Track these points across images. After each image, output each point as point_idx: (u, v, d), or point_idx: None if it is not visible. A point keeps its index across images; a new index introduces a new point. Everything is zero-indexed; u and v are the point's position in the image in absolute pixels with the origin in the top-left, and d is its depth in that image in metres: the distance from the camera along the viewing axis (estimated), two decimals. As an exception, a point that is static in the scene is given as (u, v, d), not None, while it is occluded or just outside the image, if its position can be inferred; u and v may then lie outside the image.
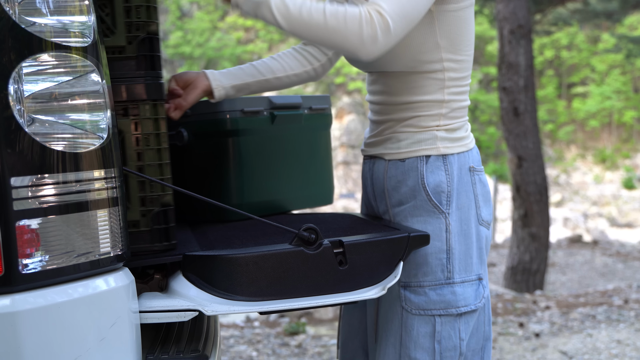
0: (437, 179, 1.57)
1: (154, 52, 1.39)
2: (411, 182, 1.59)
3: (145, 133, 1.37)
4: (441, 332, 1.58)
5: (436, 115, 1.60)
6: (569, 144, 27.00)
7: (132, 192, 1.36)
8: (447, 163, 1.59)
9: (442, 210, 1.57)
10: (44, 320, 1.04)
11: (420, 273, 1.56)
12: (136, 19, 1.36)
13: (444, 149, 1.59)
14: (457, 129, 1.63)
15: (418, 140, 1.60)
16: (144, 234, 1.36)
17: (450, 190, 1.58)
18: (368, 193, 1.74)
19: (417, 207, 1.58)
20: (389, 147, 1.63)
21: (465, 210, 1.60)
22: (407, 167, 1.60)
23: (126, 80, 1.36)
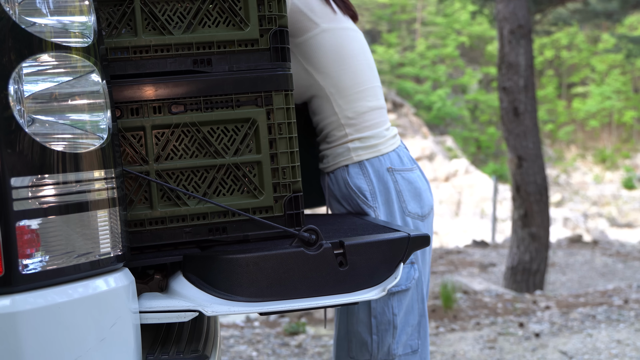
0: (358, 182, 1.85)
1: (284, 44, 1.45)
2: (343, 188, 1.89)
3: (278, 122, 1.43)
4: (376, 308, 1.82)
5: (341, 127, 1.87)
6: (569, 144, 27.00)
7: (265, 178, 1.43)
8: (363, 168, 1.86)
9: (370, 204, 1.84)
10: (44, 320, 1.04)
11: None
12: (268, 12, 1.43)
13: (357, 157, 1.86)
14: (369, 137, 1.87)
15: (337, 154, 1.89)
16: (276, 220, 1.45)
17: (373, 189, 1.85)
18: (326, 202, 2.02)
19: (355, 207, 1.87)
20: (324, 162, 1.94)
21: (390, 205, 1.85)
22: (337, 177, 1.90)
23: (258, 72, 1.42)
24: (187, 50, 1.41)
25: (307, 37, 1.81)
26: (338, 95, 1.84)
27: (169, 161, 1.40)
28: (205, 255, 1.35)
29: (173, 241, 1.41)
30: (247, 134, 1.43)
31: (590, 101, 26.20)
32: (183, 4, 1.42)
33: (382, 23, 30.82)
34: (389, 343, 1.85)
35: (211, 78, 1.41)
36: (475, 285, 6.64)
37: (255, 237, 1.44)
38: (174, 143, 1.41)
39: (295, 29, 1.78)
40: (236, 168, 1.43)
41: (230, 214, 1.42)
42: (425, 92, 27.53)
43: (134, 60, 1.39)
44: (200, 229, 1.42)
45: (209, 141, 1.42)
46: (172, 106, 1.41)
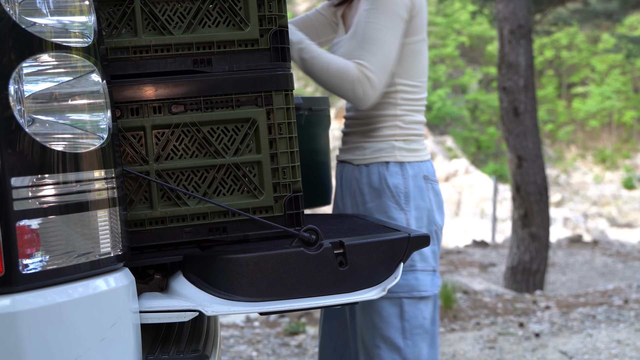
0: (396, 181, 1.89)
1: (284, 44, 1.45)
2: (376, 183, 1.90)
3: (278, 122, 1.43)
4: (408, 312, 1.84)
5: (392, 126, 1.92)
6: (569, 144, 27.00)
7: (265, 178, 1.43)
8: (404, 169, 1.90)
9: (402, 207, 1.87)
10: (44, 320, 1.04)
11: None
12: (268, 12, 1.43)
13: (401, 158, 1.91)
14: (413, 142, 1.94)
15: (379, 149, 1.92)
16: (276, 219, 1.45)
17: (407, 192, 1.88)
18: (336, 193, 2.06)
19: (382, 205, 1.89)
20: (357, 154, 1.96)
21: (421, 211, 1.89)
22: (370, 171, 1.92)
23: (258, 72, 1.43)
24: (187, 50, 1.41)
25: (415, 39, 1.91)
26: (406, 101, 1.92)
27: (169, 161, 1.40)
28: (205, 255, 1.35)
29: (173, 241, 1.41)
30: (247, 134, 1.43)
31: (590, 101, 26.20)
32: (183, 4, 1.42)
33: (382, 23, 30.73)
34: (421, 347, 1.86)
35: (211, 78, 1.41)
36: (475, 285, 6.64)
37: (255, 237, 1.44)
38: (174, 143, 1.41)
39: (412, 28, 1.89)
40: (236, 168, 1.43)
41: (230, 214, 1.42)
42: (425, 92, 27.44)
43: (134, 60, 1.39)
44: (200, 229, 1.42)
45: (209, 141, 1.42)
46: (172, 106, 1.41)
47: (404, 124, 1.92)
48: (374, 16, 1.84)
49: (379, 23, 1.83)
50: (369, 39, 1.83)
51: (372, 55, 1.81)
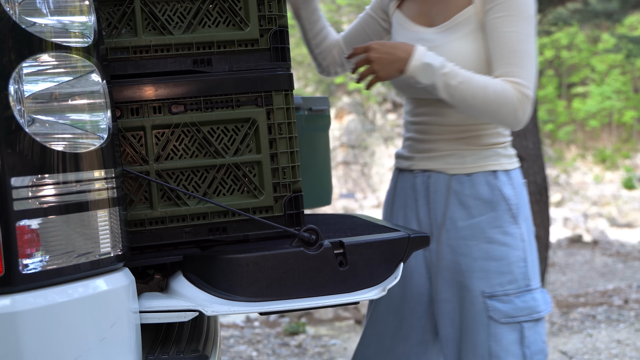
0: (509, 191, 1.73)
1: (284, 44, 1.45)
2: (486, 194, 1.72)
3: (278, 122, 1.43)
4: (529, 337, 1.69)
5: (494, 134, 1.77)
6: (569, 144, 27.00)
7: (265, 178, 1.43)
8: (510, 177, 1.75)
9: (518, 221, 1.73)
10: (44, 320, 1.04)
11: (505, 282, 1.70)
12: (268, 12, 1.43)
13: (507, 165, 1.76)
14: (509, 148, 1.81)
15: (484, 157, 1.74)
16: (276, 219, 1.45)
17: (518, 202, 1.74)
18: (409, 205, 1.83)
19: (497, 218, 1.71)
20: (452, 163, 1.76)
21: (529, 222, 1.78)
22: (475, 181, 1.73)
23: (258, 72, 1.42)
24: (187, 50, 1.41)
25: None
26: None
27: (169, 161, 1.40)
28: (205, 255, 1.35)
29: (173, 241, 1.41)
30: (247, 134, 1.43)
31: (590, 101, 26.20)
32: (183, 4, 1.42)
33: (382, 23, 30.75)
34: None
35: (211, 78, 1.41)
36: (475, 285, 6.63)
37: (255, 237, 1.44)
38: (174, 143, 1.41)
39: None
40: (236, 168, 1.43)
41: (230, 214, 1.42)
42: (425, 92, 27.43)
43: (134, 60, 1.39)
44: (200, 229, 1.42)
45: (209, 141, 1.42)
46: (172, 106, 1.41)
47: (503, 130, 1.79)
48: (515, 25, 1.64)
49: (522, 32, 1.65)
50: (517, 52, 1.64)
51: (525, 71, 1.64)
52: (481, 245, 1.72)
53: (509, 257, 1.70)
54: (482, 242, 1.72)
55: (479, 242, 1.72)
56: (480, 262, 1.71)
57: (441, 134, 1.78)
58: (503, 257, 1.70)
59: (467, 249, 1.73)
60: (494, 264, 1.70)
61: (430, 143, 1.79)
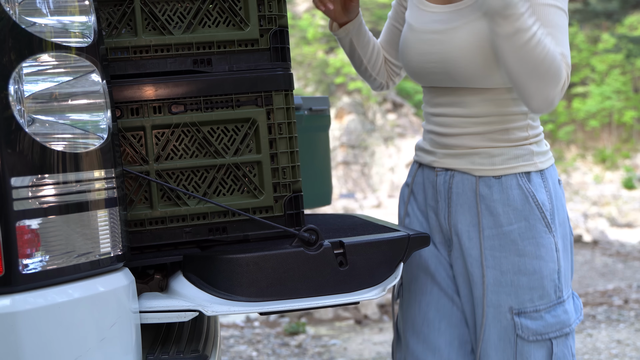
0: (542, 196, 1.54)
1: (284, 44, 1.45)
2: (518, 201, 1.53)
3: (278, 122, 1.43)
4: (557, 353, 1.55)
5: (524, 126, 1.56)
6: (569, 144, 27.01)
7: (265, 178, 1.43)
8: (545, 179, 1.56)
9: (552, 228, 1.54)
10: (44, 320, 1.04)
11: (535, 297, 1.54)
12: (268, 12, 1.43)
13: (541, 164, 1.56)
14: (542, 141, 1.60)
15: (515, 156, 1.55)
16: (276, 219, 1.45)
17: (552, 207, 1.55)
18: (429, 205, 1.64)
19: (530, 228, 1.53)
20: (478, 163, 1.56)
21: (564, 226, 1.59)
22: (506, 185, 1.54)
23: (258, 72, 1.43)
24: (187, 50, 1.41)
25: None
26: None
27: (169, 161, 1.40)
28: (205, 255, 1.35)
29: (173, 241, 1.41)
30: (247, 134, 1.43)
31: (590, 101, 26.20)
32: (183, 4, 1.42)
33: (382, 23, 30.82)
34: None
35: (211, 78, 1.41)
36: (475, 285, 6.63)
37: (256, 237, 1.44)
38: (174, 143, 1.41)
39: None
40: (236, 168, 1.43)
41: (230, 214, 1.42)
42: (425, 92, 27.46)
43: (134, 60, 1.39)
44: (200, 229, 1.42)
45: (209, 141, 1.42)
46: (172, 106, 1.41)
47: (533, 121, 1.57)
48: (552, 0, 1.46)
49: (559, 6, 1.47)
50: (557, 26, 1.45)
51: (565, 47, 1.46)
52: (511, 258, 1.54)
53: (541, 271, 1.54)
54: (512, 255, 1.54)
55: (509, 254, 1.55)
56: (510, 276, 1.55)
57: (465, 126, 1.57)
58: (535, 272, 1.53)
59: (495, 260, 1.56)
60: (525, 278, 1.54)
61: (453, 138, 1.59)
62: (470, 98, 1.55)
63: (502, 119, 1.55)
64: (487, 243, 1.56)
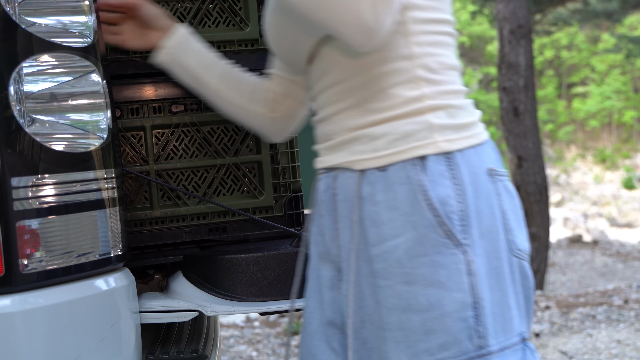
0: (443, 191, 1.02)
1: None
2: (404, 201, 1.03)
3: None
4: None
5: (412, 80, 1.05)
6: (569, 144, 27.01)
7: (265, 178, 1.43)
8: (454, 165, 1.03)
9: (458, 240, 1.02)
10: (44, 320, 1.04)
11: (435, 347, 1.02)
12: None
13: (447, 144, 1.03)
14: (459, 109, 1.07)
15: (404, 135, 1.03)
16: (276, 219, 1.44)
17: (465, 208, 1.03)
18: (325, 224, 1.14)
19: (420, 241, 1.02)
20: (359, 151, 1.07)
21: (493, 237, 1.05)
22: (392, 179, 1.04)
23: (258, 72, 1.41)
24: (187, 50, 1.41)
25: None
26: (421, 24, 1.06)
27: (169, 161, 1.40)
28: (205, 255, 1.35)
29: (173, 241, 1.41)
30: (247, 134, 1.43)
31: (590, 101, 26.20)
32: (183, 4, 1.42)
33: (382, 23, 30.80)
34: None
35: (211, 78, 1.41)
36: (475, 285, 6.64)
37: (256, 237, 1.44)
38: (174, 143, 1.41)
39: None
40: (236, 168, 1.43)
41: (230, 214, 1.42)
42: (425, 92, 27.49)
43: (134, 60, 1.39)
44: (200, 229, 1.42)
45: (209, 141, 1.42)
46: (172, 106, 1.41)
47: (430, 71, 1.05)
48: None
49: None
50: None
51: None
52: (397, 288, 1.03)
53: (440, 304, 1.01)
54: (398, 283, 1.03)
55: (395, 282, 1.03)
56: (397, 314, 1.03)
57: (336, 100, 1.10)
58: (431, 306, 1.01)
59: (381, 292, 1.05)
60: (417, 317, 1.02)
61: (329, 121, 1.12)
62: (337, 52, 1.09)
63: (378, 72, 1.05)
64: (366, 268, 1.07)
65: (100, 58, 1.17)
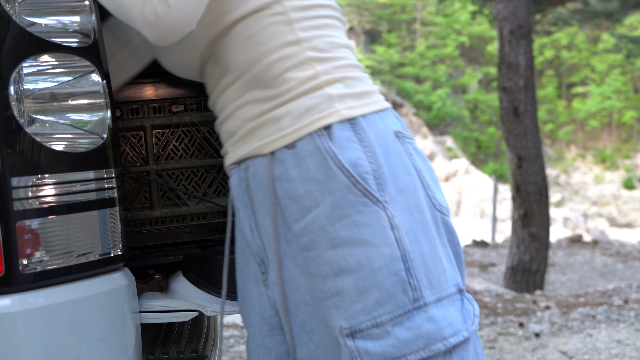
0: (353, 154, 1.04)
1: None
2: (316, 170, 1.05)
3: None
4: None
5: (304, 61, 1.09)
6: (569, 144, 27.02)
7: None
8: (359, 130, 1.07)
9: (376, 197, 1.04)
10: (44, 320, 1.04)
11: (370, 305, 1.03)
12: None
13: (350, 111, 1.07)
14: (356, 80, 1.12)
15: (306, 109, 1.07)
16: None
17: (378, 167, 1.05)
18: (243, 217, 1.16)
19: (338, 203, 1.04)
20: (264, 136, 1.10)
21: (412, 193, 1.07)
22: (302, 153, 1.06)
23: None
24: (187, 50, 1.41)
25: None
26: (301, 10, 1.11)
27: (169, 161, 1.40)
28: (205, 255, 1.35)
29: (173, 241, 1.41)
30: (247, 134, 1.43)
31: (590, 101, 26.22)
32: None
33: (382, 23, 30.84)
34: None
35: (211, 78, 1.41)
36: (475, 285, 6.64)
37: None
38: (174, 143, 1.41)
39: None
40: (236, 168, 1.43)
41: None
42: (425, 92, 27.55)
43: (134, 60, 1.39)
44: (200, 229, 1.42)
45: (209, 141, 1.42)
46: (172, 106, 1.41)
47: (320, 51, 1.10)
48: None
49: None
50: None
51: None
52: (325, 255, 1.05)
53: (369, 261, 1.03)
54: (325, 249, 1.05)
55: (322, 249, 1.06)
56: (331, 280, 1.05)
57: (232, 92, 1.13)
58: (360, 265, 1.03)
59: (312, 264, 1.07)
60: (349, 279, 1.04)
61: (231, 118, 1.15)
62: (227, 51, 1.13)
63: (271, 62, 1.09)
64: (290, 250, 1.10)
65: (100, 58, 1.17)
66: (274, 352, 1.17)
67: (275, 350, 1.17)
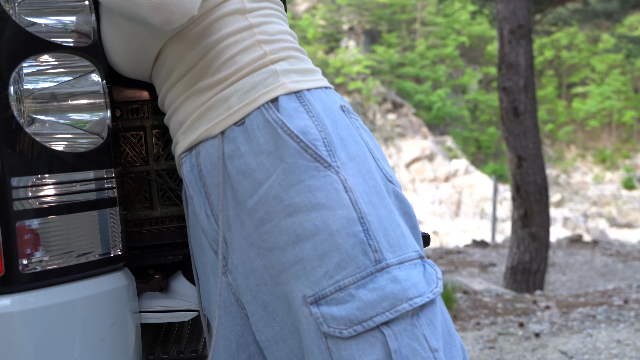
0: (301, 122, 1.07)
1: None
2: (267, 141, 1.06)
3: None
4: (400, 349, 1.00)
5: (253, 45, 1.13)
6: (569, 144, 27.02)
7: None
8: (306, 101, 1.10)
9: (327, 161, 1.05)
10: (44, 320, 1.04)
11: (332, 268, 1.02)
12: None
13: (295, 84, 1.11)
14: (298, 60, 1.17)
15: (253, 86, 1.10)
16: None
17: (327, 135, 1.07)
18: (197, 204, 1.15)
19: (290, 170, 1.04)
20: (213, 117, 1.12)
21: (362, 160, 1.09)
22: (251, 128, 1.08)
23: None
24: (187, 50, 1.41)
25: None
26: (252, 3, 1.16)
27: (169, 161, 1.40)
28: (205, 255, 1.35)
29: (173, 241, 1.41)
30: (247, 134, 1.43)
31: (590, 101, 26.23)
32: None
33: (382, 23, 30.85)
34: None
35: (211, 78, 1.41)
36: (475, 285, 6.64)
37: None
38: (174, 143, 1.41)
39: None
40: (236, 168, 1.43)
41: (230, 214, 1.42)
42: (425, 92, 27.57)
43: (134, 60, 1.39)
44: (200, 229, 1.42)
45: (209, 141, 1.42)
46: (172, 106, 1.40)
47: (268, 35, 1.15)
48: None
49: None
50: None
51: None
52: (282, 224, 1.05)
53: (327, 224, 1.02)
54: (281, 218, 1.05)
55: (278, 219, 1.05)
56: (290, 250, 1.04)
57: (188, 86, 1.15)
58: (318, 229, 1.02)
59: (270, 237, 1.06)
60: (308, 245, 1.03)
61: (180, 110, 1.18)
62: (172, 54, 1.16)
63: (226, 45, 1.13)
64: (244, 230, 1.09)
65: (100, 58, 1.17)
66: (235, 343, 1.15)
67: (236, 341, 1.15)
